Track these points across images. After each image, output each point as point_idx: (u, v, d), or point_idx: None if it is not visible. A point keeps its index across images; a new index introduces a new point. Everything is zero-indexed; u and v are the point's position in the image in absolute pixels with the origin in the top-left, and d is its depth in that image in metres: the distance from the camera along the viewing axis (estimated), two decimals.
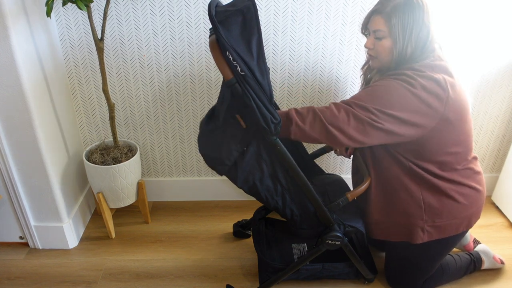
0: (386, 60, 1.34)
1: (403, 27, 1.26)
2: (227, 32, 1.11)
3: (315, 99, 1.94)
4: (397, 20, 1.26)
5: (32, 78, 1.54)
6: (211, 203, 2.19)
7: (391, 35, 1.29)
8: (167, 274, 1.75)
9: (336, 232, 1.45)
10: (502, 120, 2.04)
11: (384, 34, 1.30)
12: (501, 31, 1.80)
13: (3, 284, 1.69)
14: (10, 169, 1.65)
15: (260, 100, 1.17)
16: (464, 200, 1.42)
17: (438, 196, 1.40)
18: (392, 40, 1.29)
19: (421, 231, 1.44)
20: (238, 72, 1.12)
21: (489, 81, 1.92)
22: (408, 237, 1.47)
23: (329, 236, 1.45)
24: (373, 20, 1.32)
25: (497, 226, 2.01)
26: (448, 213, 1.42)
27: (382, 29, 1.30)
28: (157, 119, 1.97)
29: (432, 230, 1.44)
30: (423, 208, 1.41)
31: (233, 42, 1.11)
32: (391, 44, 1.30)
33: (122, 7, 1.70)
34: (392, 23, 1.27)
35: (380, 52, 1.33)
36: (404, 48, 1.28)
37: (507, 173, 2.03)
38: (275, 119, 1.20)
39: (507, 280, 1.71)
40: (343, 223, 1.47)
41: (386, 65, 1.36)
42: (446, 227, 1.44)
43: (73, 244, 1.89)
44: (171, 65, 1.83)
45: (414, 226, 1.44)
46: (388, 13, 1.27)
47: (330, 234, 1.44)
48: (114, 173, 1.76)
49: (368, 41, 1.36)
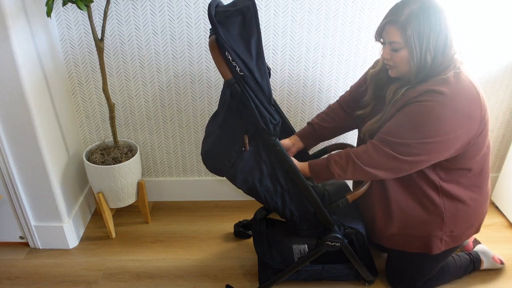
0: (405, 69, 1.28)
1: (419, 37, 1.19)
2: (226, 32, 1.11)
3: (315, 99, 1.94)
4: (413, 30, 1.19)
5: (32, 78, 1.54)
6: (211, 203, 2.19)
7: (408, 46, 1.22)
8: (167, 274, 1.75)
9: (336, 234, 1.44)
10: (502, 120, 2.04)
11: (400, 45, 1.23)
12: (500, 31, 1.80)
13: (3, 284, 1.69)
14: (10, 169, 1.65)
15: (259, 101, 1.17)
16: (479, 206, 1.43)
17: (458, 204, 1.39)
18: (409, 51, 1.22)
19: (439, 242, 1.43)
20: (237, 72, 1.12)
21: (489, 81, 1.92)
22: (426, 248, 1.45)
23: (329, 237, 1.44)
24: (388, 31, 1.25)
25: (497, 226, 2.01)
26: (464, 221, 1.42)
27: (397, 40, 1.23)
28: (157, 119, 1.97)
29: (449, 239, 1.43)
30: (444, 218, 1.39)
31: (232, 42, 1.11)
32: (408, 55, 1.23)
33: (122, 7, 1.70)
34: (407, 34, 1.19)
35: (398, 62, 1.27)
36: (423, 57, 1.21)
37: (507, 173, 2.03)
38: (274, 119, 1.20)
39: (507, 280, 1.71)
40: (343, 224, 1.47)
41: (405, 73, 1.30)
42: (462, 235, 1.44)
43: (73, 244, 1.89)
44: (171, 65, 1.83)
45: (433, 237, 1.42)
46: (402, 23, 1.20)
47: (329, 235, 1.44)
48: (114, 173, 1.76)
49: (385, 52, 1.30)
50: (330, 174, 1.35)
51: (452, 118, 1.20)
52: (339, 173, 1.34)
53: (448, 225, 1.40)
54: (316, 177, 1.39)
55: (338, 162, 1.33)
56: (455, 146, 1.24)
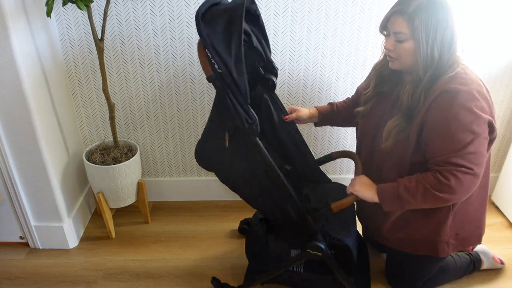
0: (407, 62, 1.27)
1: (426, 30, 1.18)
2: (211, 30, 1.14)
3: (315, 99, 1.94)
4: (421, 22, 1.18)
5: (32, 78, 1.54)
6: (211, 203, 2.19)
7: (414, 38, 1.21)
8: (167, 274, 1.75)
9: (318, 242, 1.36)
10: (502, 120, 2.04)
11: (406, 36, 1.22)
12: (500, 30, 1.80)
13: (3, 284, 1.69)
14: (10, 169, 1.65)
15: (236, 99, 1.18)
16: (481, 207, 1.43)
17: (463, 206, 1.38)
18: (415, 43, 1.21)
19: (446, 246, 1.42)
20: (216, 70, 1.15)
21: (489, 81, 1.92)
22: (434, 252, 1.44)
23: (310, 245, 1.37)
24: (394, 21, 1.23)
25: (497, 226, 2.01)
26: (470, 223, 1.42)
27: (403, 31, 1.21)
28: (157, 119, 1.97)
29: (456, 243, 1.43)
30: (448, 220, 1.39)
31: (215, 41, 1.14)
32: (413, 47, 1.22)
33: (122, 7, 1.70)
34: (415, 26, 1.18)
35: (401, 54, 1.26)
36: (429, 51, 1.20)
37: (507, 173, 2.03)
38: (250, 118, 1.20)
39: (507, 280, 1.71)
40: (330, 234, 1.41)
41: (407, 67, 1.29)
42: (470, 238, 1.44)
43: (73, 244, 1.89)
44: (171, 65, 1.83)
45: (439, 241, 1.42)
46: (410, 14, 1.19)
47: (311, 243, 1.37)
48: (114, 173, 1.76)
49: (388, 42, 1.29)
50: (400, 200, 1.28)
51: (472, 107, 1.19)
52: (408, 200, 1.27)
53: (452, 227, 1.40)
54: (385, 205, 1.33)
55: (408, 187, 1.26)
56: (487, 131, 1.24)
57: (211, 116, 1.34)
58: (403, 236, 1.46)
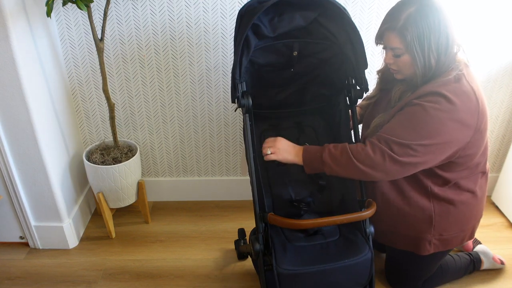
0: (409, 73, 1.28)
1: (419, 41, 1.18)
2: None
3: None
4: (412, 35, 1.18)
5: (32, 78, 1.54)
6: (211, 203, 2.20)
7: (409, 52, 1.21)
8: (167, 274, 1.75)
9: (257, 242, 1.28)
10: (502, 120, 2.04)
11: (401, 51, 1.23)
12: (501, 30, 1.80)
13: (3, 284, 1.69)
14: (10, 169, 1.65)
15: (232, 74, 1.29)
16: (470, 210, 1.42)
17: (448, 207, 1.39)
18: (411, 56, 1.22)
19: (428, 244, 1.43)
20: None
21: (489, 81, 1.92)
22: (414, 248, 1.45)
23: (251, 239, 1.33)
24: (387, 38, 1.25)
25: (497, 226, 2.01)
26: (455, 225, 1.42)
27: (398, 46, 1.22)
28: (157, 119, 1.97)
29: (439, 243, 1.43)
30: (433, 221, 1.39)
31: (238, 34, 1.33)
32: (410, 60, 1.23)
33: (122, 7, 1.70)
34: (407, 40, 1.19)
35: (401, 67, 1.28)
36: (427, 61, 1.21)
37: (507, 173, 2.03)
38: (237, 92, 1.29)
39: (507, 280, 1.71)
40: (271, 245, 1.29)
41: (411, 77, 1.29)
42: (452, 240, 1.44)
43: (73, 244, 1.89)
44: (171, 65, 1.83)
45: (422, 239, 1.42)
46: (400, 29, 1.19)
47: (251, 234, 1.40)
48: (114, 173, 1.76)
49: (387, 57, 1.30)
50: (321, 163, 1.31)
51: (449, 122, 1.20)
52: (330, 165, 1.29)
53: (437, 228, 1.40)
54: (307, 165, 1.34)
55: (332, 152, 1.30)
56: (450, 150, 1.24)
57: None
58: (386, 229, 1.47)
